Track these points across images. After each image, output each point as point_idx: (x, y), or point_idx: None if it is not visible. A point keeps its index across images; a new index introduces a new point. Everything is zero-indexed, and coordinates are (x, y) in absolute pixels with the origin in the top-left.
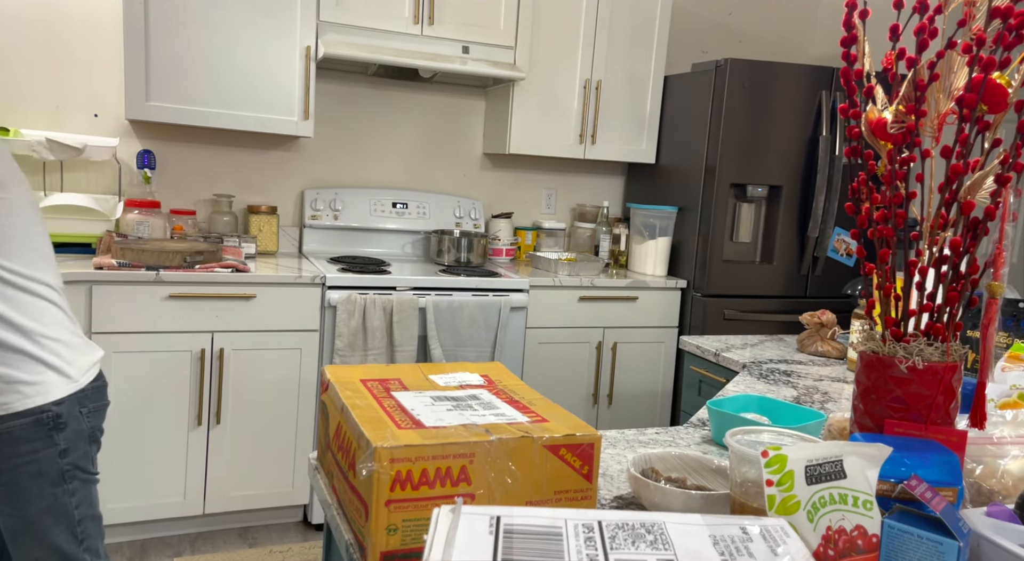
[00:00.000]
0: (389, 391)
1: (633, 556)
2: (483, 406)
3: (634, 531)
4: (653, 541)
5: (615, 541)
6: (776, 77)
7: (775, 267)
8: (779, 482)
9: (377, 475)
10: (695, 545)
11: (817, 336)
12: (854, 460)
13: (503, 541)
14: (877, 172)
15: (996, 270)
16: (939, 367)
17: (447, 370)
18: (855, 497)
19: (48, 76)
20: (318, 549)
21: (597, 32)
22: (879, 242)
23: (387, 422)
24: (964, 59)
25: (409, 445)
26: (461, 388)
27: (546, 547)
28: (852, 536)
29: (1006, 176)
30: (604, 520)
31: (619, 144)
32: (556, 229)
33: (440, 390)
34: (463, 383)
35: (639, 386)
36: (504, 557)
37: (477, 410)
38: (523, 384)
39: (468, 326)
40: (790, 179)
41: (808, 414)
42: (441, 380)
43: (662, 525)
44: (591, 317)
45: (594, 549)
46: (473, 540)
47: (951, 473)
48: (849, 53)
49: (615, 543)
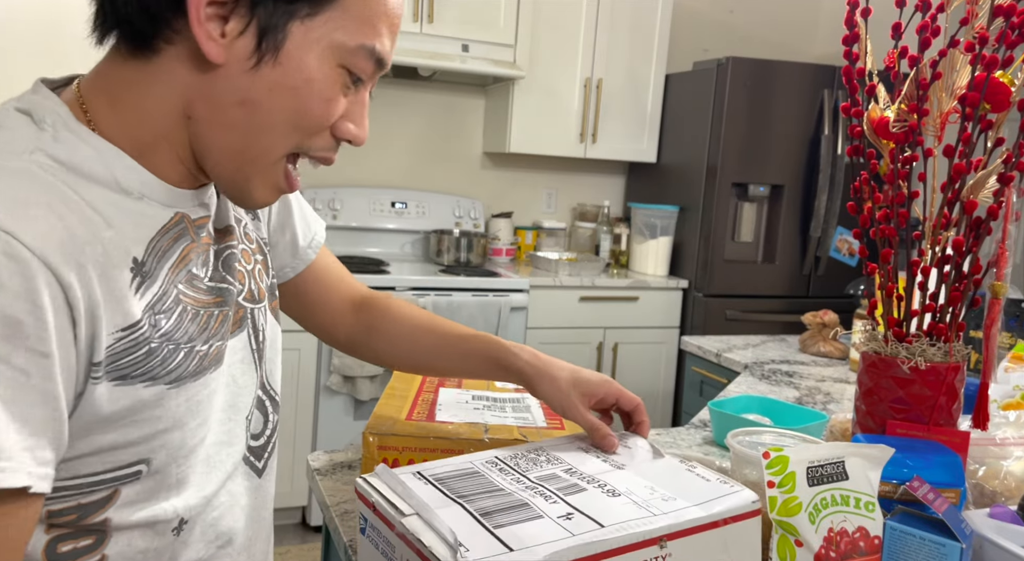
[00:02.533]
0: (439, 386)
1: (545, 471)
2: (516, 409)
3: (527, 457)
4: (547, 460)
5: (520, 466)
6: (778, 76)
7: (777, 267)
8: (781, 483)
9: (365, 461)
10: (578, 457)
11: (819, 336)
12: (856, 461)
13: (440, 486)
14: (879, 171)
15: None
16: (942, 368)
17: None
18: (857, 498)
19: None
20: (317, 551)
21: (598, 30)
22: (881, 242)
23: (402, 412)
24: (967, 58)
25: (398, 435)
26: (516, 391)
27: (479, 481)
28: (854, 538)
29: (1009, 175)
30: (499, 455)
31: (620, 143)
32: (556, 229)
33: (491, 391)
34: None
35: (640, 387)
36: (456, 494)
37: (506, 412)
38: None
39: (467, 326)
40: (792, 178)
41: (810, 415)
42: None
43: (544, 448)
44: (592, 317)
45: (514, 474)
46: (416, 486)
47: (953, 474)
48: (851, 51)
49: (522, 467)
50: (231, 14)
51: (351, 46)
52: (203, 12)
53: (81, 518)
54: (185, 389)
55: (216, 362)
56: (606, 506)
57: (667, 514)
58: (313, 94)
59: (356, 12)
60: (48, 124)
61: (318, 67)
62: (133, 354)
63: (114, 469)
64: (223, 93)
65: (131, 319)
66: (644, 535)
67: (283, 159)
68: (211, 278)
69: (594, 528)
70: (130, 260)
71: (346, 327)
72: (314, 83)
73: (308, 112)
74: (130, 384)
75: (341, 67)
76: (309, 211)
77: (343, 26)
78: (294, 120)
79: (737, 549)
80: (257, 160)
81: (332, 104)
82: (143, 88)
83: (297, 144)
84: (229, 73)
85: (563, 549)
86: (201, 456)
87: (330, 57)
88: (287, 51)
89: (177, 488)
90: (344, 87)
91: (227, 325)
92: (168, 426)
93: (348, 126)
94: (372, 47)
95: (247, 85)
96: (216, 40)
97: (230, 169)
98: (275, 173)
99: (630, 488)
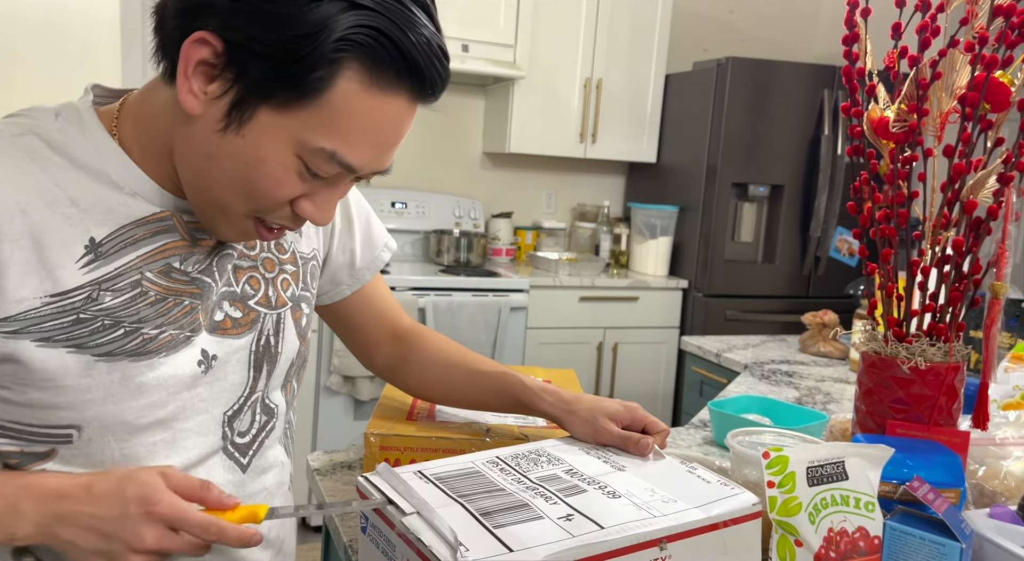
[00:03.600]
0: None
1: (545, 472)
2: None
3: (528, 457)
4: (548, 460)
5: (521, 467)
6: (778, 76)
7: (777, 267)
8: (780, 483)
9: (367, 461)
10: (579, 459)
11: (819, 336)
12: (856, 461)
13: (441, 485)
14: (879, 171)
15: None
16: (942, 368)
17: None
18: (857, 498)
19: (46, 75)
20: (316, 551)
21: (598, 30)
22: (881, 242)
23: (403, 412)
24: (966, 58)
25: (399, 435)
26: None
27: (479, 481)
28: (854, 538)
29: (1009, 175)
30: (500, 455)
31: (620, 143)
32: (556, 229)
33: None
34: None
35: (640, 387)
36: (457, 495)
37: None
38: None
39: (468, 327)
40: (792, 178)
41: (810, 415)
42: None
43: (545, 449)
44: (592, 317)
45: (514, 474)
46: (418, 486)
47: (953, 474)
48: (851, 52)
49: (523, 468)
50: (218, 77)
51: (311, 147)
52: (190, 68)
53: (23, 464)
54: (120, 366)
55: (169, 349)
56: (606, 507)
57: (667, 516)
58: (263, 174)
59: (330, 120)
60: (63, 117)
61: (273, 151)
62: (58, 319)
63: (47, 427)
64: (196, 141)
65: (62, 287)
66: (644, 537)
67: (247, 217)
68: (199, 272)
69: (594, 529)
70: (87, 238)
71: (383, 356)
72: (265, 164)
73: (256, 187)
74: (53, 347)
75: (298, 157)
76: (377, 234)
77: (311, 127)
78: (244, 190)
79: (737, 551)
80: (220, 210)
81: (282, 186)
82: (158, 107)
83: (252, 210)
84: (204, 126)
85: (563, 550)
86: (160, 438)
87: (289, 146)
88: (250, 128)
89: (124, 463)
90: (300, 174)
91: (194, 319)
92: (99, 397)
93: (306, 206)
94: (332, 152)
95: (214, 143)
96: (195, 94)
97: (198, 204)
98: (240, 225)
99: (631, 490)
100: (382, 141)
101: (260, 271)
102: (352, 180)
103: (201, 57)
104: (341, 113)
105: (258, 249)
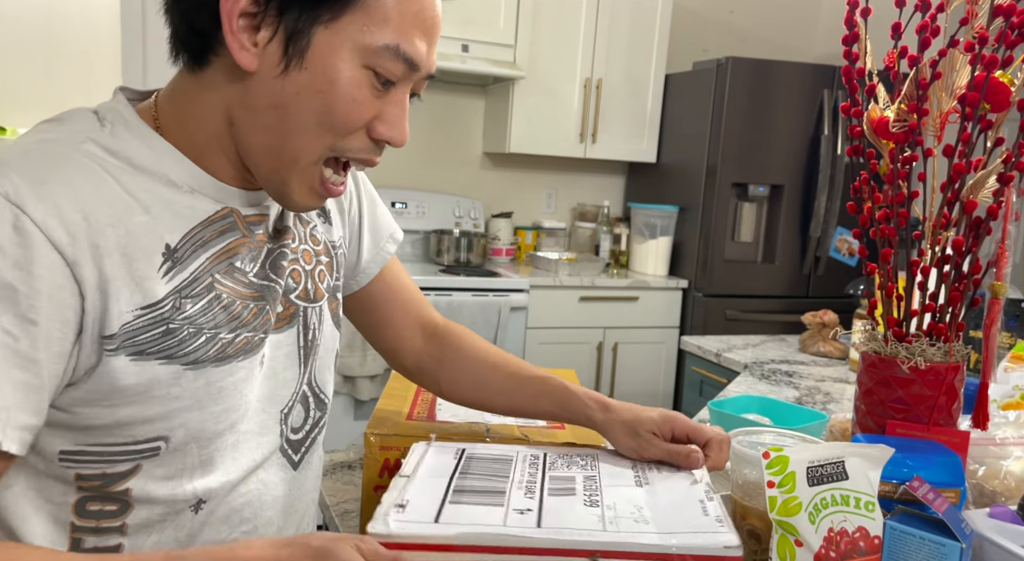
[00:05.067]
0: None
1: (565, 473)
2: None
3: (571, 459)
4: (584, 465)
5: (554, 465)
6: (777, 76)
7: (777, 267)
8: (780, 483)
9: (367, 461)
10: (617, 468)
11: (819, 336)
12: (856, 461)
13: (464, 462)
14: (879, 171)
15: (999, 270)
16: (941, 368)
17: None
18: (857, 498)
19: (45, 75)
20: None
21: (598, 30)
22: (881, 242)
23: (403, 411)
24: (966, 57)
25: (399, 435)
26: None
27: (497, 467)
28: (854, 538)
29: (1009, 175)
30: (550, 452)
31: (620, 143)
32: (556, 229)
33: None
34: None
35: (640, 387)
36: (461, 471)
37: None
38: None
39: (468, 326)
40: (792, 178)
41: (810, 415)
42: None
43: (595, 455)
44: (591, 317)
45: (535, 469)
46: (440, 460)
47: (953, 474)
48: (851, 51)
49: (554, 466)
50: (261, 23)
51: (374, 47)
52: (235, 23)
53: (105, 486)
54: (205, 372)
55: (245, 352)
56: (570, 511)
57: (619, 532)
58: (338, 96)
59: (380, 13)
60: (108, 121)
61: (343, 69)
62: (150, 331)
63: (134, 443)
64: (257, 98)
65: (152, 299)
66: (575, 544)
67: (319, 163)
68: (256, 274)
69: (530, 525)
70: (163, 245)
71: (414, 353)
72: (338, 85)
73: (334, 113)
74: (146, 360)
75: (367, 68)
76: (384, 224)
77: (366, 28)
78: (322, 121)
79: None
80: (293, 162)
81: (359, 105)
82: (196, 97)
83: (331, 146)
84: (261, 79)
85: (476, 533)
86: (229, 441)
87: (355, 59)
88: (312, 55)
89: (201, 469)
90: (372, 88)
91: (265, 319)
92: (186, 405)
93: (381, 128)
94: (396, 47)
95: (278, 89)
96: (248, 49)
97: (268, 170)
98: (311, 176)
99: (617, 502)
100: (429, 26)
101: (300, 264)
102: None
103: (241, 8)
104: (386, 5)
105: (297, 241)
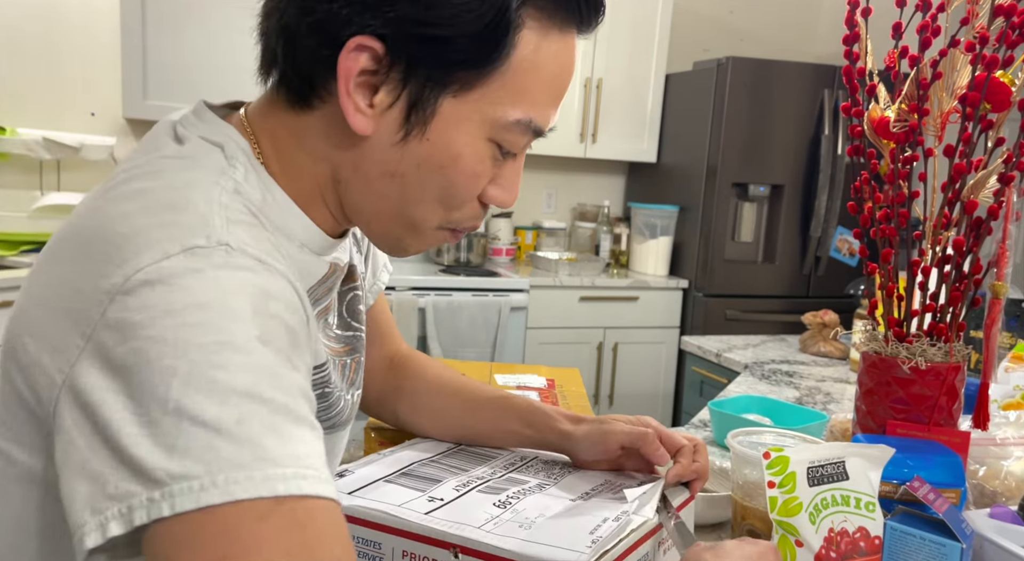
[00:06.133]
0: None
1: (524, 476)
2: None
3: (551, 466)
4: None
5: (527, 469)
6: (778, 75)
7: (777, 267)
8: (781, 483)
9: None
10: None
11: (819, 336)
12: (856, 461)
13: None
14: (880, 171)
15: (999, 270)
16: (942, 368)
17: (517, 371)
18: (857, 499)
19: (45, 75)
20: None
21: (598, 30)
22: (882, 242)
23: None
24: (967, 57)
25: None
26: (517, 389)
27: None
28: (854, 538)
29: (1009, 175)
30: (542, 455)
31: (620, 143)
32: (556, 229)
33: None
34: (522, 385)
35: (640, 387)
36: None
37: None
38: (582, 392)
39: (468, 326)
40: (792, 178)
41: (810, 415)
42: (502, 379)
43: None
44: (592, 317)
45: (505, 469)
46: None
47: (954, 474)
48: (851, 51)
49: (525, 469)
50: (382, 85)
51: (504, 122)
52: (352, 82)
53: None
54: (329, 438)
55: (351, 409)
56: (474, 508)
57: (488, 533)
58: (460, 171)
59: (516, 84)
60: (235, 161)
61: (467, 143)
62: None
63: None
64: (371, 164)
65: (320, 359)
66: (438, 534)
67: (436, 229)
68: (339, 325)
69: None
70: None
71: (376, 385)
72: (462, 160)
73: (455, 188)
74: None
75: (491, 141)
76: (381, 253)
77: (499, 100)
78: (442, 196)
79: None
80: (411, 227)
81: (478, 179)
82: (299, 140)
83: (447, 219)
84: (377, 144)
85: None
86: None
87: (481, 132)
88: (436, 126)
89: None
90: (493, 160)
91: (359, 373)
92: None
93: (494, 193)
94: (528, 121)
95: (396, 158)
96: (364, 112)
97: (381, 232)
98: (431, 239)
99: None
100: (563, 89)
101: (364, 304)
102: None
103: (361, 66)
104: (526, 73)
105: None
